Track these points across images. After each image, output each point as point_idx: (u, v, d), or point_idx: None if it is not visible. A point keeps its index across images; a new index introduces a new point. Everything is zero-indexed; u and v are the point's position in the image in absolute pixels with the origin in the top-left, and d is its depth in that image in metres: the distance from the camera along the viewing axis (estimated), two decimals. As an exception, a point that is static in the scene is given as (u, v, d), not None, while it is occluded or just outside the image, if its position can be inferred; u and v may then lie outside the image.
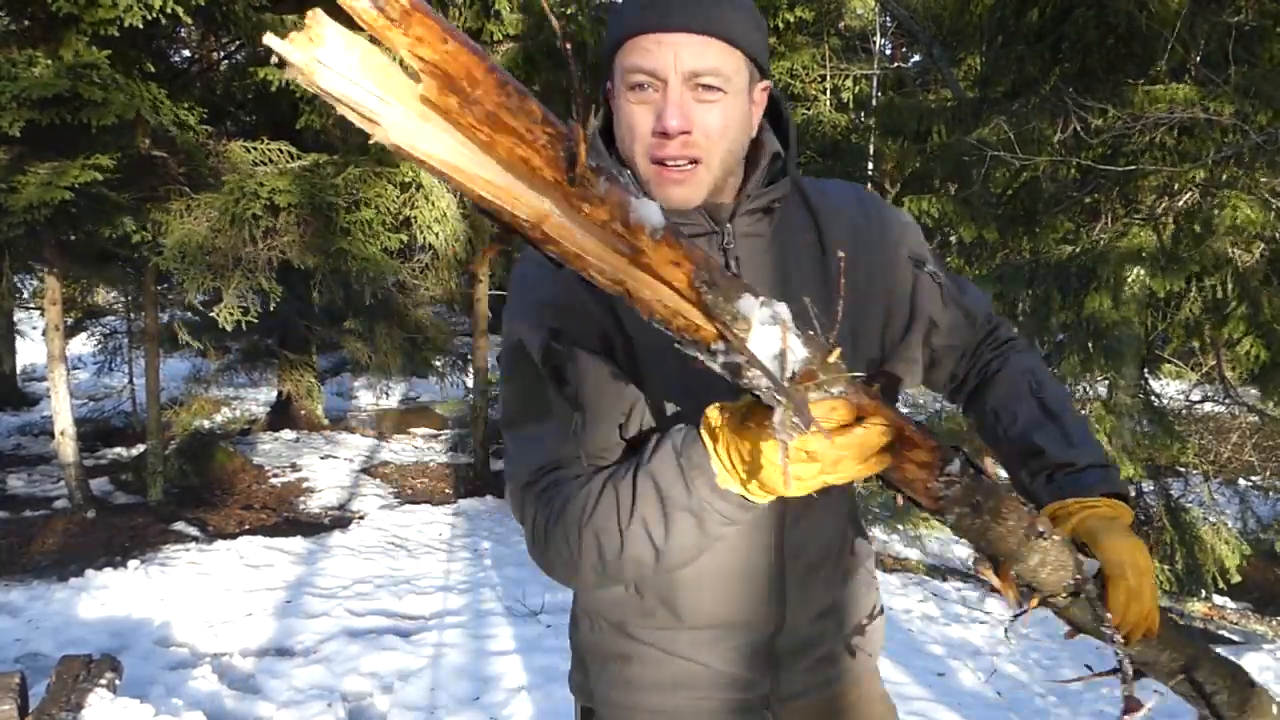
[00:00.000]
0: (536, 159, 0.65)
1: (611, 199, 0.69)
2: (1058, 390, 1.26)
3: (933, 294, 1.25)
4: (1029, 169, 4.82)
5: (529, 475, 1.10)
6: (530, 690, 3.66)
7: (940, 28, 7.47)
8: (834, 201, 1.23)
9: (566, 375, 1.09)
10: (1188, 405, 6.27)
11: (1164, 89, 4.43)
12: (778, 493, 0.90)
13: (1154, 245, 4.66)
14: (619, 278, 0.72)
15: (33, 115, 4.72)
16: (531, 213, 0.67)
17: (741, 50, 1.05)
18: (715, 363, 0.78)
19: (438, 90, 0.61)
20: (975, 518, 0.96)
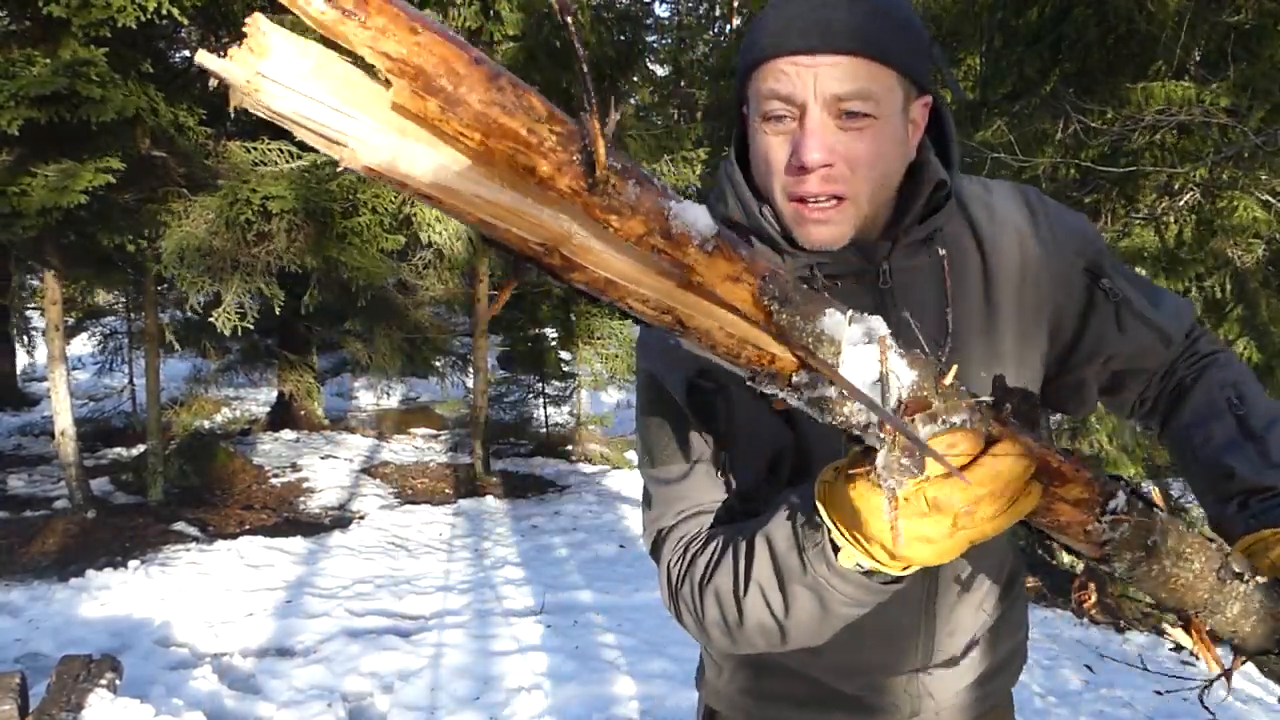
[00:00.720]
0: (544, 165, 0.52)
1: (645, 206, 0.55)
2: (1266, 406, 1.09)
3: (1108, 312, 1.10)
4: (1029, 170, 4.82)
5: (671, 518, 1.02)
6: (530, 690, 3.66)
7: (940, 28, 7.47)
8: (999, 214, 1.09)
9: (715, 411, 1.00)
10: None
11: (1161, 86, 4.43)
12: (911, 562, 0.75)
13: (1156, 245, 4.66)
14: (667, 305, 0.59)
15: (31, 114, 4.72)
16: (547, 235, 0.54)
17: (893, 67, 0.92)
18: (800, 400, 0.65)
19: (411, 92, 0.49)
20: (1152, 563, 0.80)
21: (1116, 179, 4.74)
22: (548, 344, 9.16)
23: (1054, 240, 1.08)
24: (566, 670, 3.86)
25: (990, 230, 1.08)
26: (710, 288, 0.59)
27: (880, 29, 0.91)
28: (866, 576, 0.81)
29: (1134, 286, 1.13)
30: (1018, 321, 1.06)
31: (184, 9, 5.10)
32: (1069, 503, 0.75)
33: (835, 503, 0.77)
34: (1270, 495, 0.98)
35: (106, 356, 8.85)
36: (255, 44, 0.48)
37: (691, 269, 0.58)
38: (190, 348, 7.85)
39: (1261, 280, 4.68)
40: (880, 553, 0.75)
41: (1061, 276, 1.08)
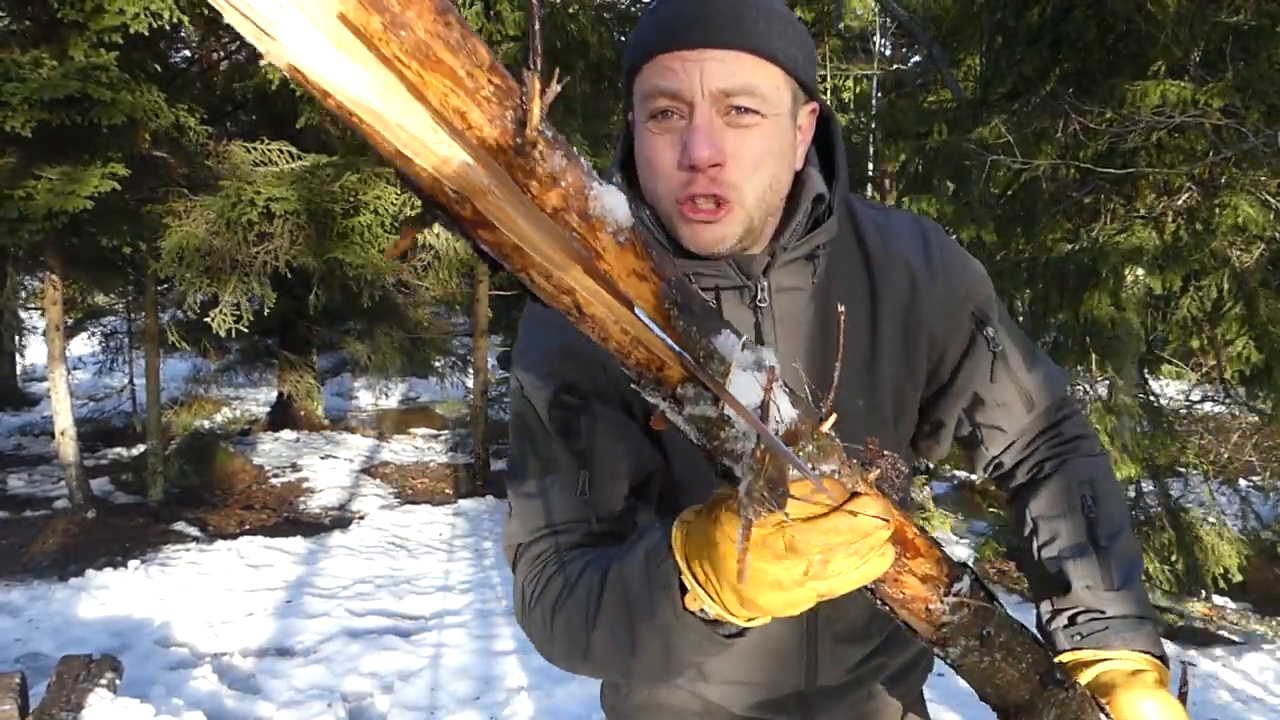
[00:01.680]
0: (476, 114, 0.50)
1: (568, 180, 0.53)
2: (1116, 512, 1.06)
3: (984, 361, 1.08)
4: (1029, 170, 4.83)
5: (526, 535, 1.00)
6: (530, 690, 3.66)
7: (940, 28, 7.48)
8: (894, 244, 1.06)
9: (578, 429, 0.97)
10: (1188, 405, 6.27)
11: (1158, 85, 4.43)
12: (759, 610, 0.71)
13: (1154, 244, 4.67)
14: (568, 285, 0.57)
15: (44, 116, 4.74)
16: (463, 183, 0.51)
17: (781, 66, 0.89)
18: (681, 415, 0.63)
19: (358, 3, 0.46)
20: (984, 655, 0.80)
21: (1115, 179, 4.74)
22: (548, 344, 9.14)
23: (945, 278, 1.06)
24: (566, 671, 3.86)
25: (882, 257, 1.05)
26: (614, 278, 0.57)
27: (767, 26, 0.89)
28: (712, 626, 0.79)
29: (1015, 344, 1.11)
30: (901, 352, 1.04)
31: (192, 15, 5.11)
32: (917, 577, 0.75)
33: (693, 543, 0.74)
34: (1100, 617, 0.98)
35: (107, 356, 8.85)
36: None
37: (600, 255, 0.56)
38: (190, 348, 7.85)
39: (1261, 280, 4.68)
40: (730, 599, 0.71)
41: (949, 315, 1.06)
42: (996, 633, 0.80)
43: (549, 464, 0.99)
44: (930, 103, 7.53)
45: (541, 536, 0.98)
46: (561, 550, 0.96)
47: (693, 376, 0.61)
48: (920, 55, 10.35)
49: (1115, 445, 5.06)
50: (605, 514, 0.97)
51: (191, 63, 7.76)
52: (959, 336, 1.08)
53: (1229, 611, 5.60)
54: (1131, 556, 1.03)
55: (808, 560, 0.66)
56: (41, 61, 4.89)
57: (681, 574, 0.76)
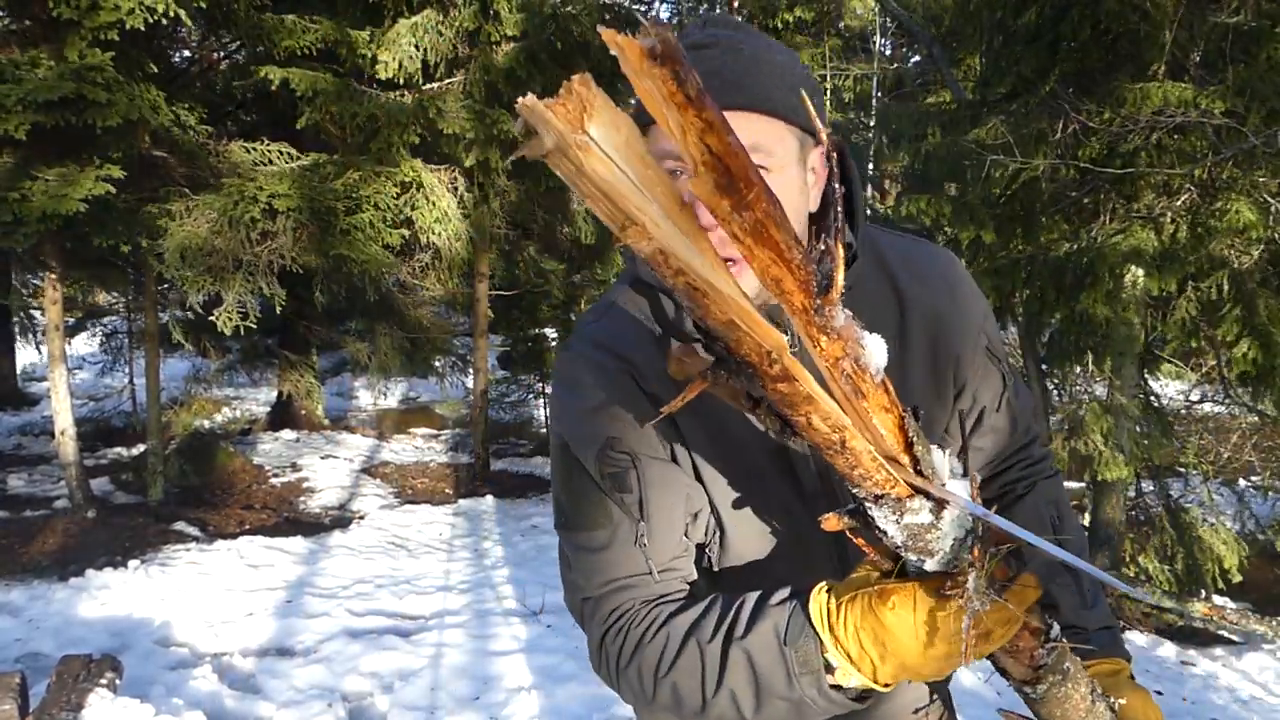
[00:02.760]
0: (789, 280, 0.57)
1: (847, 334, 0.61)
2: (1077, 531, 1.19)
3: (995, 392, 1.13)
4: (1028, 170, 4.83)
5: (593, 588, 1.03)
6: (530, 690, 3.66)
7: (940, 28, 7.48)
8: (919, 270, 1.09)
9: (629, 483, 1.00)
10: (1187, 405, 6.28)
11: (1158, 86, 4.43)
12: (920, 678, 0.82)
13: (1153, 245, 4.67)
14: (841, 425, 0.64)
15: (38, 118, 4.72)
16: (773, 343, 0.59)
17: (784, 119, 0.91)
18: (896, 523, 0.72)
19: (713, 187, 0.51)
20: (1064, 685, 0.90)
21: (1113, 179, 4.75)
22: (548, 344, 9.17)
23: (966, 309, 1.10)
24: (566, 670, 3.87)
25: (910, 289, 1.07)
26: (870, 414, 0.66)
27: (769, 81, 0.91)
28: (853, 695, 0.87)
29: (1010, 373, 1.16)
30: (930, 382, 1.07)
31: (190, 10, 5.10)
32: (1028, 631, 0.85)
33: (847, 621, 0.83)
34: (1081, 633, 1.09)
35: (107, 357, 8.85)
36: (586, 102, 0.48)
37: (865, 395, 0.65)
38: (190, 348, 7.86)
39: (1260, 281, 4.68)
40: (888, 672, 0.82)
41: (969, 345, 1.09)
42: (1072, 667, 0.91)
43: (605, 518, 1.02)
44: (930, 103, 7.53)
45: (611, 591, 1.02)
46: (632, 608, 1.00)
47: (920, 491, 0.70)
48: (920, 55, 10.35)
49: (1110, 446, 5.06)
50: (664, 561, 1.01)
51: (191, 62, 7.76)
52: (976, 365, 1.11)
53: (1229, 611, 5.60)
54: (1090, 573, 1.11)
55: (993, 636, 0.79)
56: (38, 62, 4.88)
57: (828, 652, 0.84)
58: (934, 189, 5.76)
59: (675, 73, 0.48)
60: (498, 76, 6.39)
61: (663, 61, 0.47)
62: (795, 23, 10.21)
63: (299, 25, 5.95)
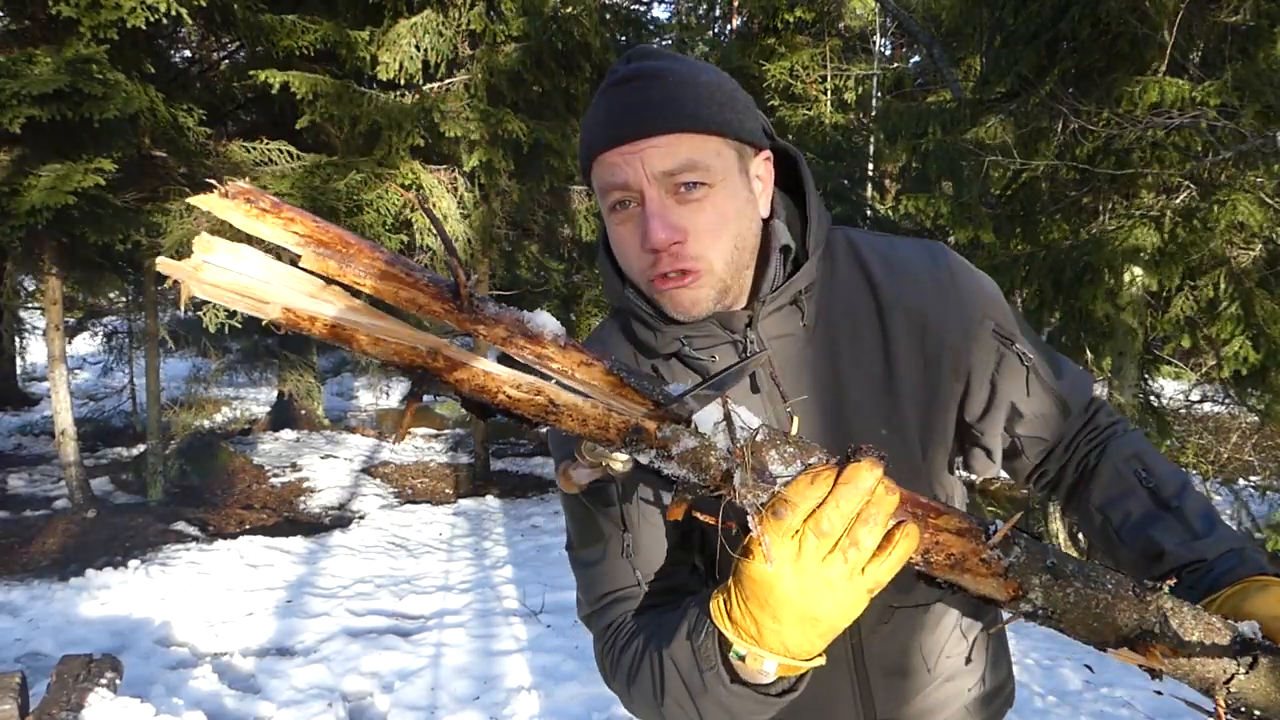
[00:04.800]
0: (422, 297, 0.69)
1: (505, 317, 0.71)
2: (1170, 472, 1.07)
3: (1018, 376, 1.09)
4: (1027, 170, 4.83)
5: (591, 604, 1.07)
6: (530, 690, 3.66)
7: (940, 28, 7.48)
8: (899, 268, 1.08)
9: (611, 496, 1.02)
10: (1187, 405, 6.28)
11: (1156, 82, 4.43)
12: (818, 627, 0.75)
13: (1152, 243, 4.67)
14: (538, 387, 0.70)
15: (34, 112, 4.72)
16: (428, 344, 0.69)
17: (716, 133, 0.94)
18: (671, 460, 0.72)
19: (316, 256, 0.67)
20: (1065, 585, 0.77)
21: (1112, 179, 4.75)
22: (548, 344, 9.15)
23: (958, 297, 1.07)
24: (566, 670, 3.87)
25: (889, 287, 1.06)
26: (570, 373, 0.71)
27: (695, 99, 0.94)
28: (762, 689, 0.84)
29: (1039, 353, 1.11)
30: (922, 377, 1.05)
31: (190, 8, 5.10)
32: (952, 533, 0.77)
33: (732, 604, 0.78)
34: (1201, 566, 0.98)
35: (107, 357, 8.85)
36: (202, 245, 0.66)
37: (551, 358, 0.71)
38: (190, 347, 7.85)
39: (1258, 280, 4.68)
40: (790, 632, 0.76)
41: (969, 335, 1.06)
42: (1062, 561, 0.78)
43: (594, 535, 1.05)
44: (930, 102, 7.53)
45: (604, 606, 1.05)
46: (622, 621, 1.03)
47: (661, 415, 0.72)
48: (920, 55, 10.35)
49: None
50: (651, 571, 1.03)
51: (191, 62, 7.76)
52: (983, 354, 1.07)
53: (1228, 611, 5.60)
54: (1203, 503, 1.04)
55: (840, 546, 0.72)
56: (35, 58, 4.88)
57: (733, 642, 0.80)
58: (933, 188, 5.76)
59: (248, 200, 0.64)
60: (500, 78, 6.39)
61: (234, 197, 0.64)
62: (795, 23, 10.21)
63: (299, 26, 5.95)
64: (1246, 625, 0.81)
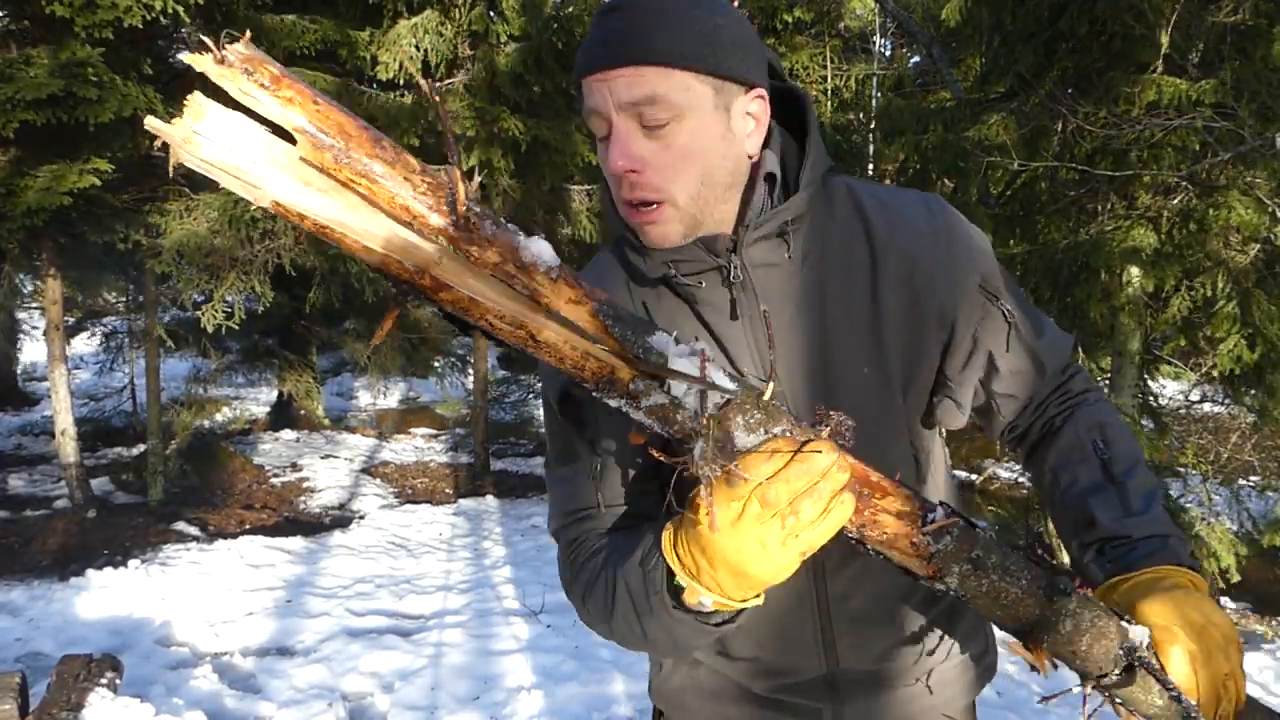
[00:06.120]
0: (418, 206, 0.66)
1: (500, 240, 0.68)
2: (1128, 449, 1.09)
3: (999, 332, 1.10)
4: (1026, 171, 4.83)
5: (559, 520, 1.11)
6: (530, 690, 3.66)
7: (940, 28, 7.48)
8: (896, 215, 1.09)
9: (584, 420, 1.06)
10: (1187, 405, 6.27)
11: (1153, 79, 4.43)
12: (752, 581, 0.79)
13: (1150, 242, 4.67)
14: (520, 321, 0.70)
15: (28, 115, 4.71)
16: (418, 260, 0.67)
17: (687, 68, 0.94)
18: (639, 410, 0.74)
19: (312, 146, 0.63)
20: (982, 577, 0.83)
21: (1111, 180, 4.75)
22: (548, 344, 9.14)
23: (949, 248, 1.08)
24: (566, 670, 3.87)
25: (885, 232, 1.07)
26: (556, 308, 0.71)
27: (669, 34, 0.94)
28: (706, 617, 0.89)
29: (1022, 311, 1.12)
30: (908, 321, 1.06)
31: (188, 7, 5.09)
32: (891, 514, 0.82)
33: (680, 539, 0.83)
34: (1125, 543, 1.00)
35: (107, 357, 8.85)
36: (194, 111, 0.62)
37: (539, 292, 0.70)
38: (190, 347, 7.86)
39: (1255, 281, 4.68)
40: (725, 579, 0.80)
41: (954, 284, 1.08)
42: (986, 554, 0.84)
43: (569, 455, 1.10)
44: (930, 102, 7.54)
45: (570, 523, 1.09)
46: (586, 538, 1.08)
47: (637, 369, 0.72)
48: (920, 55, 10.35)
49: None
50: (612, 498, 1.07)
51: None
52: (968, 307, 1.09)
53: (1229, 611, 5.60)
54: (1149, 485, 1.05)
55: (780, 514, 0.75)
56: (32, 61, 4.88)
57: (676, 574, 0.85)
58: (932, 188, 5.76)
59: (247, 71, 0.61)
60: (501, 78, 6.39)
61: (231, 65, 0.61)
62: (795, 23, 10.21)
63: (299, 26, 5.95)
64: (1137, 632, 0.85)
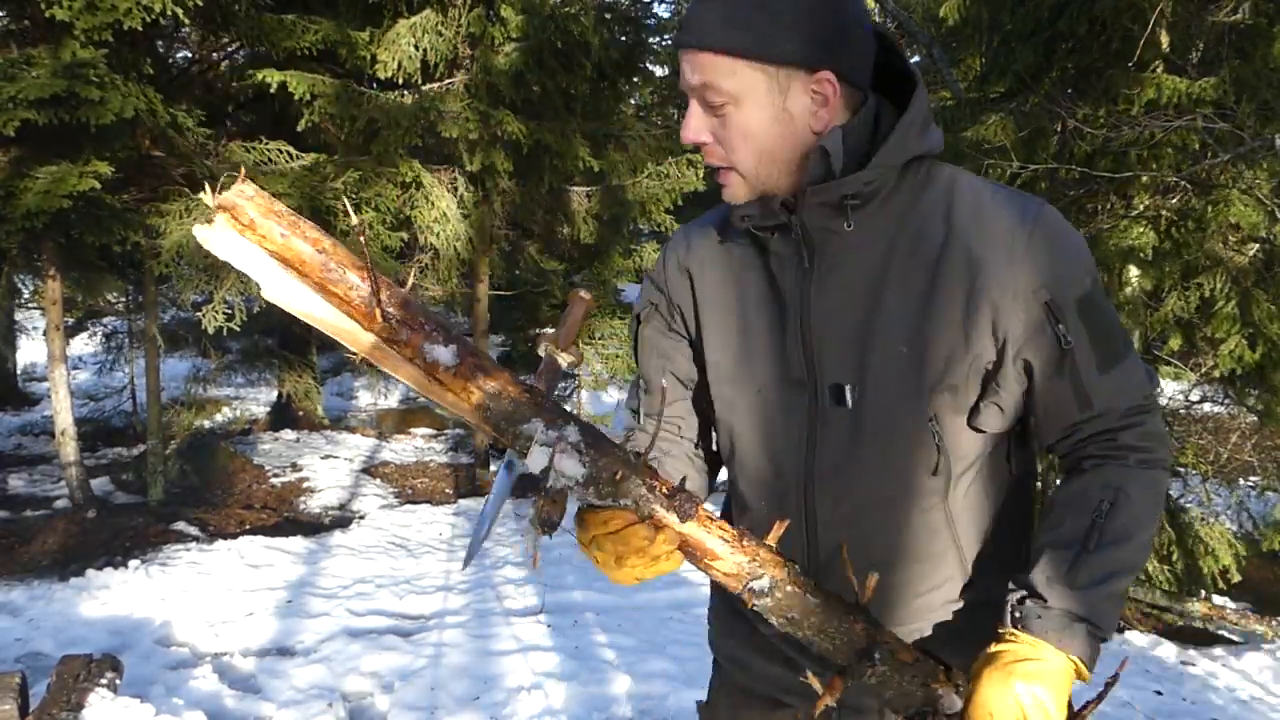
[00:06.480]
0: (355, 312, 0.95)
1: (413, 342, 0.97)
2: (1125, 524, 1.06)
3: (1050, 354, 1.08)
4: (1026, 171, 4.83)
5: (628, 404, 1.37)
6: (530, 690, 3.66)
7: (939, 28, 7.48)
8: (984, 212, 1.10)
9: (637, 340, 1.32)
10: (1187, 405, 6.27)
11: (1151, 77, 4.43)
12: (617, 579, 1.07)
13: (1148, 242, 4.67)
14: (430, 392, 0.99)
15: (29, 115, 4.71)
16: (362, 345, 0.97)
17: (740, 56, 1.03)
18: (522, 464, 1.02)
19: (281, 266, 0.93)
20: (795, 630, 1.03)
21: (1110, 180, 4.75)
22: (548, 344, 9.13)
23: (1024, 261, 1.07)
24: (566, 670, 3.87)
25: (964, 225, 1.09)
26: (455, 392, 0.99)
27: (726, 22, 1.03)
28: None
29: (1096, 343, 1.09)
30: (956, 318, 1.08)
31: (186, 9, 5.09)
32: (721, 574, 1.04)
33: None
34: (1040, 603, 1.03)
35: (107, 357, 8.85)
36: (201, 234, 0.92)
37: (440, 381, 0.99)
38: (190, 348, 7.85)
39: (1255, 280, 4.68)
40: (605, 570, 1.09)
41: (1017, 298, 1.07)
42: (804, 617, 1.01)
43: (638, 363, 1.35)
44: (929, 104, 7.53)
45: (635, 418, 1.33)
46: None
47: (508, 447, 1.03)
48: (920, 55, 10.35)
49: None
50: (651, 410, 1.30)
51: (191, 63, 7.75)
52: (1025, 319, 1.07)
53: (1229, 611, 5.61)
54: (1115, 568, 1.05)
55: (604, 560, 1.04)
56: (34, 61, 4.87)
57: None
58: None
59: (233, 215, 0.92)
60: (500, 78, 6.39)
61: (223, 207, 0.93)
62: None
63: (299, 26, 5.94)
64: (952, 701, 1.01)
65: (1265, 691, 4.63)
